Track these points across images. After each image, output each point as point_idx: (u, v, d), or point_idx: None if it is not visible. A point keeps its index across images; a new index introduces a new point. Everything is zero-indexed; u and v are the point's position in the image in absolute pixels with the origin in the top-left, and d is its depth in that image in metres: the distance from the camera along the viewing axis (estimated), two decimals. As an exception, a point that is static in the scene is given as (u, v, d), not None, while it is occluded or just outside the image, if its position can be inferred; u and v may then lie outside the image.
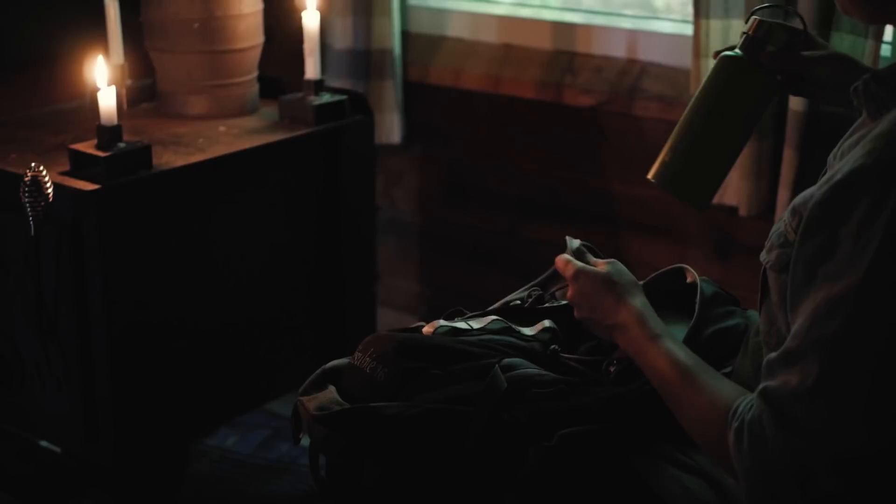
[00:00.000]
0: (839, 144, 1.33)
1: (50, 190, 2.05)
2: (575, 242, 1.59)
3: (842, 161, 1.25)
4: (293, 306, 2.50)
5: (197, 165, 2.26)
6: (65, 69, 2.57)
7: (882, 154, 1.17)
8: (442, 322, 1.58)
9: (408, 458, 1.43)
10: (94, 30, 2.51)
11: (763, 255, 1.36)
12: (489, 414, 1.41)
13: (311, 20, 2.46)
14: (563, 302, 1.64)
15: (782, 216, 1.35)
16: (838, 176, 1.20)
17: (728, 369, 1.52)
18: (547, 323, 1.61)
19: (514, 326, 1.59)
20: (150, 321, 2.22)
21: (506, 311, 1.65)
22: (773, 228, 1.36)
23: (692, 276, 1.65)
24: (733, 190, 2.38)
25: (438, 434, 1.41)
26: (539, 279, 1.73)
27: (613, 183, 2.64)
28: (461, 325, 1.58)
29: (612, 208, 2.66)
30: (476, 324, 1.58)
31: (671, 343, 1.40)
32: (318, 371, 1.56)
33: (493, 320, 1.59)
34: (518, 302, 1.68)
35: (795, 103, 2.22)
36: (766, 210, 2.36)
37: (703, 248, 2.54)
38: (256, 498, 2.53)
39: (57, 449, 2.44)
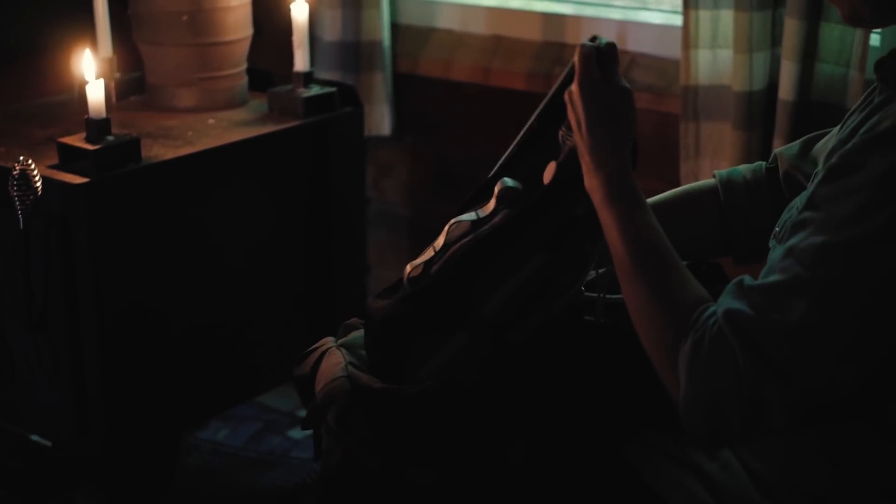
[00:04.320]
0: (853, 129, 1.31)
1: (38, 183, 2.05)
2: (604, 40, 1.42)
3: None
4: (283, 298, 2.50)
5: (186, 158, 2.25)
6: (53, 62, 2.57)
7: None
8: (414, 262, 1.52)
9: (401, 424, 1.42)
10: (83, 23, 2.51)
11: (773, 243, 1.35)
12: (480, 361, 1.40)
13: (299, 12, 2.46)
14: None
15: (793, 205, 1.34)
16: (860, 136, 1.19)
17: None
18: (508, 182, 1.51)
19: (472, 217, 1.52)
20: (140, 314, 2.22)
21: (465, 204, 1.57)
22: (785, 216, 1.35)
23: None
24: (723, 180, 2.39)
25: (436, 405, 1.41)
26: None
27: (603, 174, 2.63)
28: (427, 257, 1.52)
29: (603, 199, 2.65)
30: (438, 243, 1.52)
31: (641, 215, 1.32)
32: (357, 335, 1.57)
33: (451, 225, 1.52)
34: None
35: (784, 93, 2.22)
36: (755, 200, 2.36)
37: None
38: (248, 490, 2.53)
39: (48, 443, 2.44)
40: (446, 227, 1.53)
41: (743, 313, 1.19)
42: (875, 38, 2.21)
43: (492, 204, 1.51)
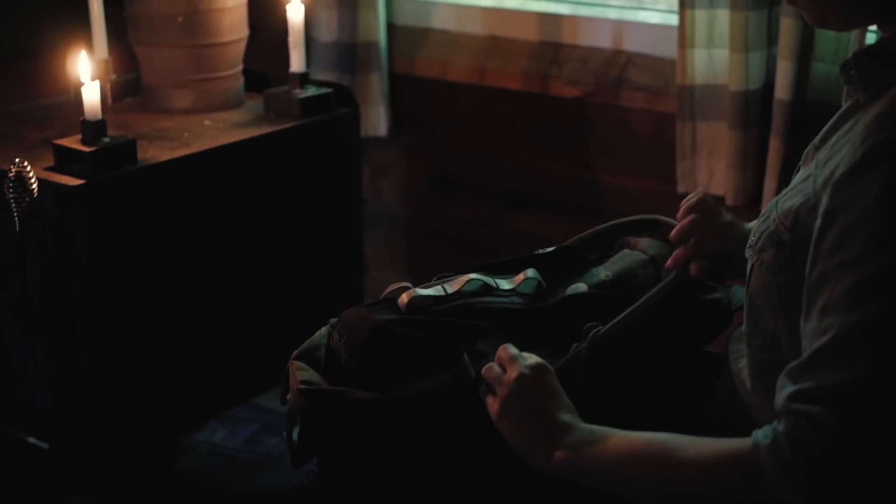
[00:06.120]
0: (824, 135, 1.31)
1: (34, 185, 2.04)
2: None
3: (840, 149, 1.22)
4: (280, 300, 2.50)
5: (182, 160, 2.25)
6: (49, 64, 2.56)
7: (891, 130, 1.15)
8: (418, 291, 1.53)
9: (378, 437, 1.41)
10: (78, 24, 2.51)
11: (750, 253, 1.33)
12: (458, 403, 1.38)
13: (295, 13, 2.46)
14: (550, 249, 1.61)
15: (767, 214, 1.32)
16: (842, 168, 1.17)
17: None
18: (530, 273, 1.56)
19: (491, 283, 1.55)
20: (136, 316, 2.21)
21: (487, 266, 1.61)
22: (761, 226, 1.32)
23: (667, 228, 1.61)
24: (720, 180, 2.39)
25: (411, 419, 1.40)
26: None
27: (600, 174, 2.64)
28: (436, 292, 1.53)
29: (599, 199, 2.66)
30: (451, 287, 1.54)
31: (621, 431, 1.28)
32: (315, 336, 1.56)
33: (470, 280, 1.55)
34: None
35: (781, 93, 2.23)
36: (752, 199, 2.36)
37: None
38: (245, 492, 2.53)
39: (45, 445, 2.43)
40: (464, 277, 1.56)
41: (812, 388, 1.15)
42: (871, 37, 2.21)
43: (518, 278, 1.57)
